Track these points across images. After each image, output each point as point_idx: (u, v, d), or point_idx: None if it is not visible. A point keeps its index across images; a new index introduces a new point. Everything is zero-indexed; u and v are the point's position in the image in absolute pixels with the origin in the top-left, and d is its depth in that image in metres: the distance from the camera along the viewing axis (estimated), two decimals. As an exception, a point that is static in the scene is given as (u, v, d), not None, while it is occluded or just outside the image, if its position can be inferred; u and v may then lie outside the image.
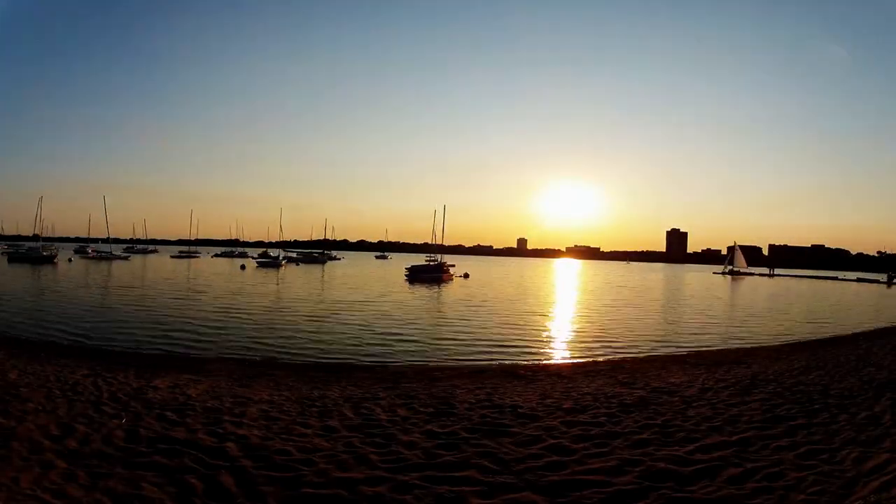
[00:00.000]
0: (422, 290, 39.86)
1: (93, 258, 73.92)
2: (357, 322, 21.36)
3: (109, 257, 73.93)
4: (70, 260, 69.11)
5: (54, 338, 15.16)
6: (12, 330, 16.20)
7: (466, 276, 57.79)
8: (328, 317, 22.70)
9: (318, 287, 41.41)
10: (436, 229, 66.12)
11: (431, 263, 60.52)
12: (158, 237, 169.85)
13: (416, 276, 52.13)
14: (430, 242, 69.49)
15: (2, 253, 75.47)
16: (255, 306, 25.77)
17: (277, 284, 42.22)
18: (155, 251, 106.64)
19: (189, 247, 71.44)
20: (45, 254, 64.58)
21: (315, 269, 68.34)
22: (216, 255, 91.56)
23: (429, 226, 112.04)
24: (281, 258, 78.33)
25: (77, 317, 20.05)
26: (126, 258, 75.72)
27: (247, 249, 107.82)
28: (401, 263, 78.17)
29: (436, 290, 40.99)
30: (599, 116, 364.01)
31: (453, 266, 59.09)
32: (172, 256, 68.85)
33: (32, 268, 51.75)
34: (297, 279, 49.19)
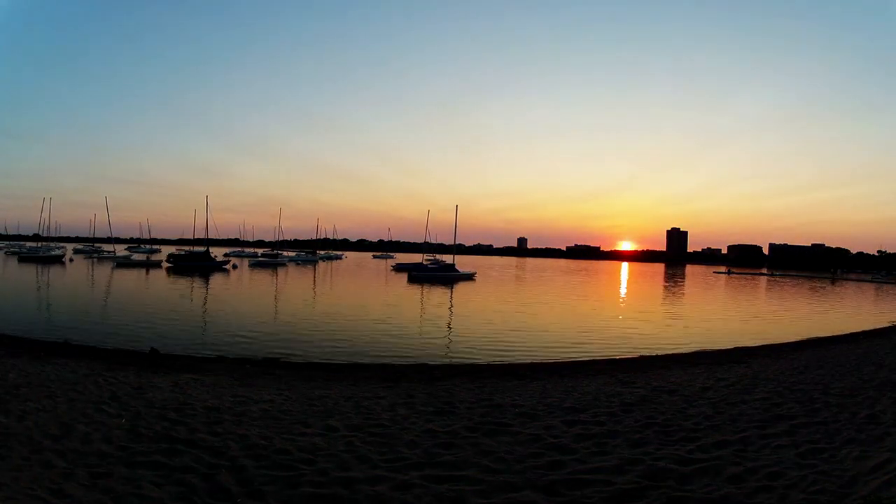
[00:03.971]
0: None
1: (93, 258, 73.87)
2: (358, 321, 21.38)
3: (112, 257, 73.91)
4: (71, 259, 69.19)
5: (55, 336, 15.13)
6: (12, 329, 16.18)
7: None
8: (330, 316, 22.71)
9: (324, 288, 41.42)
10: (430, 229, 66.63)
11: (429, 263, 60.65)
12: (163, 236, 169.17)
13: (416, 276, 52.20)
14: (429, 241, 69.78)
15: (11, 253, 76.23)
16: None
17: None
18: (158, 251, 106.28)
19: (192, 246, 71.22)
20: (53, 254, 65.55)
21: (320, 269, 68.29)
22: (226, 255, 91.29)
23: (436, 224, 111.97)
24: (282, 258, 78.22)
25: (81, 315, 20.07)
26: (128, 258, 76.04)
27: (258, 250, 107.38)
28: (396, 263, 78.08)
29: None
30: (599, 113, 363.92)
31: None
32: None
33: (42, 267, 52.14)
34: (299, 280, 49.18)
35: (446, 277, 50.88)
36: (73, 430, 5.92)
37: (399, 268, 64.34)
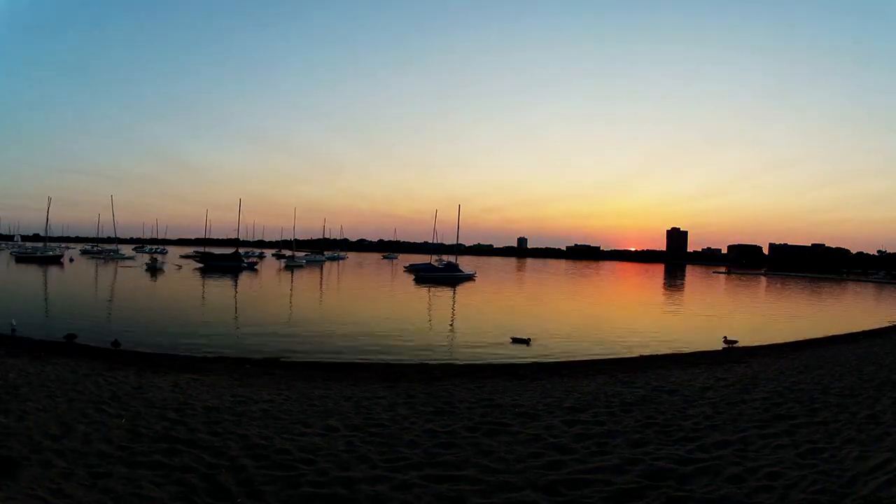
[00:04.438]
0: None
1: (95, 259, 73.88)
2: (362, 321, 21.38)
3: (116, 257, 73.95)
4: (71, 259, 69.21)
5: (57, 336, 15.13)
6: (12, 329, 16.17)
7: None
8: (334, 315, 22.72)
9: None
10: (438, 228, 66.63)
11: (439, 264, 60.64)
12: (173, 237, 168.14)
13: (423, 276, 52.03)
14: (429, 241, 69.82)
15: (10, 253, 76.34)
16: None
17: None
18: (165, 251, 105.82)
19: (204, 246, 71.74)
20: (50, 254, 65.71)
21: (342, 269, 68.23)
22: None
23: (438, 224, 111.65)
24: (302, 259, 77.77)
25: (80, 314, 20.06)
26: (131, 258, 76.33)
27: (265, 251, 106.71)
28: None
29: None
30: (598, 110, 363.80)
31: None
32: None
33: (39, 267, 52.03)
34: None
35: (453, 278, 51.03)
36: (73, 430, 5.92)
37: (412, 268, 64.62)
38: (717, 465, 5.16)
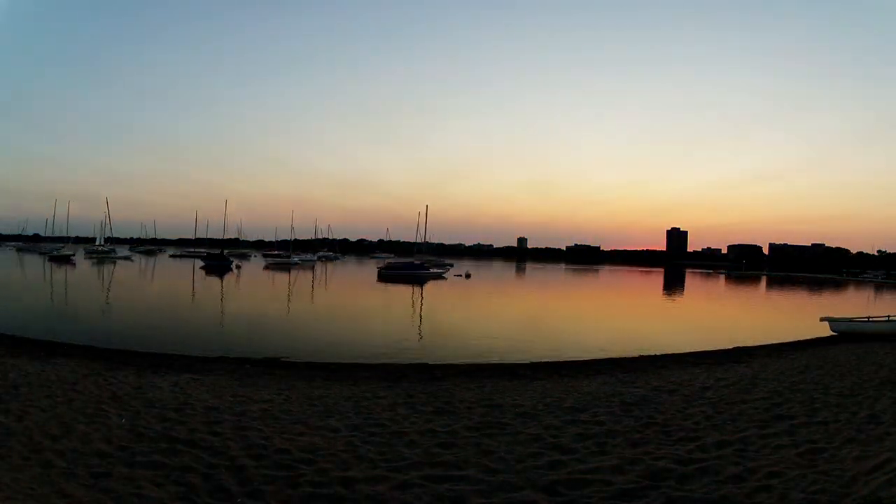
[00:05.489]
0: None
1: (95, 259, 74.11)
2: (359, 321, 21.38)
3: (114, 257, 74.11)
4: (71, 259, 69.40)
5: (54, 336, 15.13)
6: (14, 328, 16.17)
7: (468, 276, 57.78)
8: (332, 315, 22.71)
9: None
10: (420, 228, 67.13)
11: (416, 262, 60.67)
12: (170, 237, 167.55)
13: (386, 274, 51.87)
14: (417, 241, 69.82)
15: (41, 253, 77.67)
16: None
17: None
18: (161, 251, 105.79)
19: (194, 247, 72.84)
20: (66, 253, 67.99)
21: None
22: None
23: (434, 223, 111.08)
24: (297, 259, 77.86)
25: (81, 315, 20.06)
26: (128, 257, 76.58)
27: (257, 252, 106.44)
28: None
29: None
30: (599, 109, 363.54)
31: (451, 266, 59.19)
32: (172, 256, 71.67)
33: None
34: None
35: (417, 276, 50.81)
36: (73, 430, 5.92)
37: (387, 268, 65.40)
38: (717, 465, 5.17)
